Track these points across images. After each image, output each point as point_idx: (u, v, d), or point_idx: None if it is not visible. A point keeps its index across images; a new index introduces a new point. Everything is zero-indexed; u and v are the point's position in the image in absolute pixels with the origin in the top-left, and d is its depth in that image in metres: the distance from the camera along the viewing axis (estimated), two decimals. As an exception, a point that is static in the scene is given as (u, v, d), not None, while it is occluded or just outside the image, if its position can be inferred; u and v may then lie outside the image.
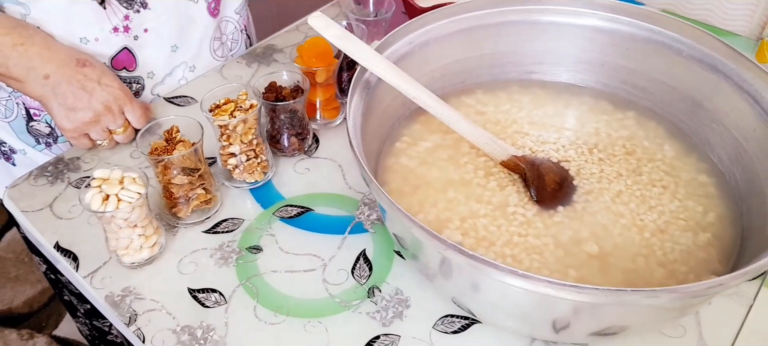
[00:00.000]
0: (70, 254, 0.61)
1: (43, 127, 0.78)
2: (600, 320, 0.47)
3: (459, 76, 0.69)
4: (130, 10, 0.72)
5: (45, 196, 0.67)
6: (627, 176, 0.60)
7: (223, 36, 0.84)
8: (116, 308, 0.56)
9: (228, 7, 0.83)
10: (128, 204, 0.54)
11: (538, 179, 0.58)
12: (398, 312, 0.56)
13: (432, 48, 0.65)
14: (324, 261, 0.60)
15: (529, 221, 0.56)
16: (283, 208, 0.65)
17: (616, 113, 0.67)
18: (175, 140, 0.59)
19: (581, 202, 0.58)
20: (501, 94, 0.69)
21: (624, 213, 0.57)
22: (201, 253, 0.61)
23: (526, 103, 0.69)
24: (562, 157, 0.62)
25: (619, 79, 0.68)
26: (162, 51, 0.77)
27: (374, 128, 0.60)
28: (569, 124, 0.67)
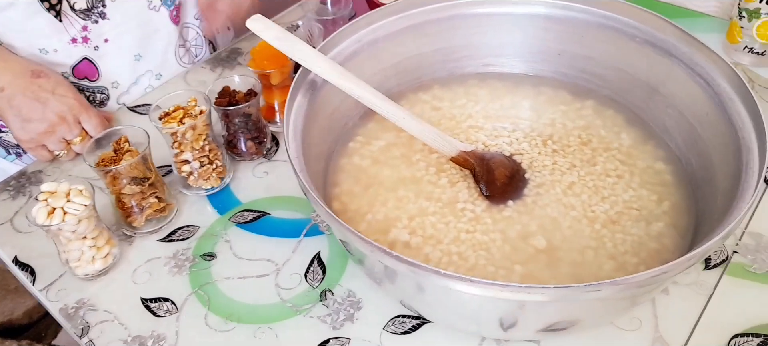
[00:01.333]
0: (27, 268, 0.61)
1: (11, 138, 0.78)
2: (546, 317, 0.46)
3: (414, 72, 0.68)
4: (88, 22, 0.72)
5: (6, 210, 0.67)
6: (580, 167, 0.59)
7: (187, 42, 0.84)
8: (70, 321, 0.56)
9: (188, 13, 0.83)
10: (74, 216, 0.54)
11: (488, 173, 0.57)
12: (349, 315, 0.55)
13: (383, 45, 0.64)
14: (277, 266, 0.59)
15: (477, 217, 0.55)
16: (240, 213, 0.64)
17: (574, 103, 0.66)
18: (123, 150, 0.59)
19: (532, 195, 0.57)
20: (458, 88, 0.69)
21: (575, 205, 0.56)
22: (155, 262, 0.61)
23: (483, 97, 0.68)
24: (515, 150, 0.62)
25: (577, 69, 0.67)
26: (124, 60, 0.77)
27: (324, 129, 0.60)
28: (525, 115, 0.66)
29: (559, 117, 0.65)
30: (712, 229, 0.49)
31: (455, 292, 0.43)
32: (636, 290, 0.44)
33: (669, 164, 0.59)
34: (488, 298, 0.42)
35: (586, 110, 0.65)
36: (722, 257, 0.57)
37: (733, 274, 0.56)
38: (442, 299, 0.47)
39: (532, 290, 0.40)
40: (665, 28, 0.58)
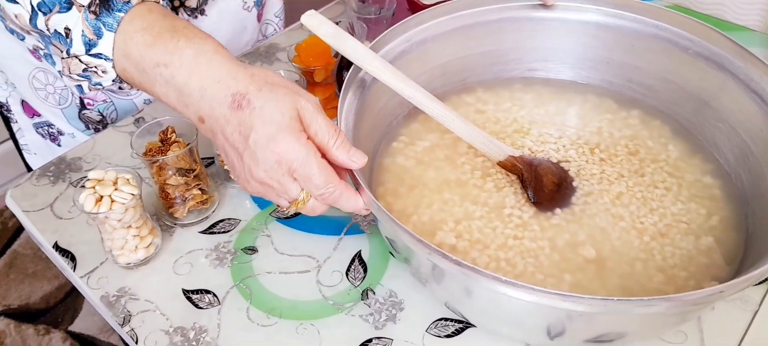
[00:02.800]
0: (68, 254, 0.61)
1: (94, 115, 0.79)
2: (595, 328, 0.46)
3: (459, 74, 0.68)
4: (191, 18, 0.74)
5: (46, 196, 0.67)
6: (628, 177, 0.59)
7: (265, 37, 0.88)
8: (111, 309, 0.57)
9: (269, 10, 0.87)
10: (121, 205, 0.54)
11: (536, 179, 0.57)
12: (391, 315, 0.55)
13: (431, 46, 0.64)
14: (318, 262, 0.59)
15: (525, 224, 0.55)
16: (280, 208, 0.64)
17: (620, 112, 0.66)
18: (170, 141, 0.59)
19: (580, 204, 0.57)
20: (502, 92, 0.68)
21: (624, 216, 0.55)
22: (197, 253, 0.61)
23: (528, 102, 0.67)
24: (563, 157, 0.61)
25: (624, 77, 0.66)
26: None
27: (370, 127, 0.60)
28: (571, 123, 0.65)
29: (605, 126, 0.64)
30: (765, 247, 0.49)
31: (504, 296, 0.42)
32: (689, 307, 0.44)
33: (718, 179, 0.59)
34: (541, 305, 0.42)
35: (633, 120, 0.65)
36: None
37: (779, 291, 0.56)
38: (488, 303, 0.47)
39: (591, 302, 0.40)
40: (720, 41, 0.58)
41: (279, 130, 0.44)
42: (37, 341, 1.52)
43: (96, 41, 0.46)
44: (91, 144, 0.72)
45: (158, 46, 0.46)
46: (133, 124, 0.75)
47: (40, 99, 0.79)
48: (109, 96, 0.79)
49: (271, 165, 0.44)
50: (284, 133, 0.44)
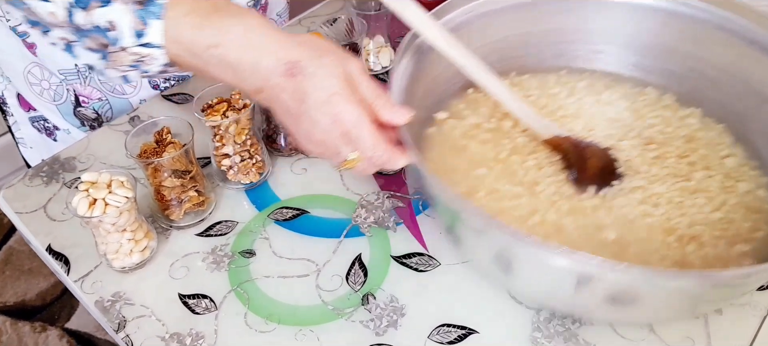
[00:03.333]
0: (61, 257, 0.60)
1: (89, 112, 0.78)
2: (612, 292, 0.46)
3: (516, 51, 0.67)
4: None
5: (39, 197, 0.66)
6: (673, 179, 0.58)
7: None
8: (106, 314, 0.55)
9: (272, 10, 0.85)
10: (115, 209, 0.53)
11: (580, 161, 0.57)
12: (392, 321, 0.54)
13: (492, 20, 0.64)
14: (318, 266, 0.58)
15: (554, 203, 0.56)
16: (279, 210, 0.63)
17: (679, 110, 0.65)
18: (165, 142, 0.58)
19: (614, 192, 0.57)
20: (554, 76, 0.68)
21: (654, 213, 0.55)
22: (193, 257, 0.59)
23: (581, 89, 0.67)
24: (609, 146, 0.61)
25: (686, 68, 0.65)
26: None
27: (421, 95, 0.59)
28: (623, 115, 0.65)
29: (660, 122, 0.64)
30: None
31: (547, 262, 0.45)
32: (715, 290, 0.45)
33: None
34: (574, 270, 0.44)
35: (692, 119, 0.64)
36: (776, 279, 0.56)
37: (788, 296, 0.55)
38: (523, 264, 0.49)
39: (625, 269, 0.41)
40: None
41: (332, 94, 0.47)
42: (33, 338, 1.50)
43: (144, 31, 0.46)
44: (86, 143, 0.71)
45: (206, 27, 0.46)
46: (129, 123, 0.74)
47: (35, 94, 0.78)
48: (105, 94, 0.77)
49: (327, 127, 0.47)
50: (337, 97, 0.47)
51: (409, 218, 0.62)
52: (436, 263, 0.58)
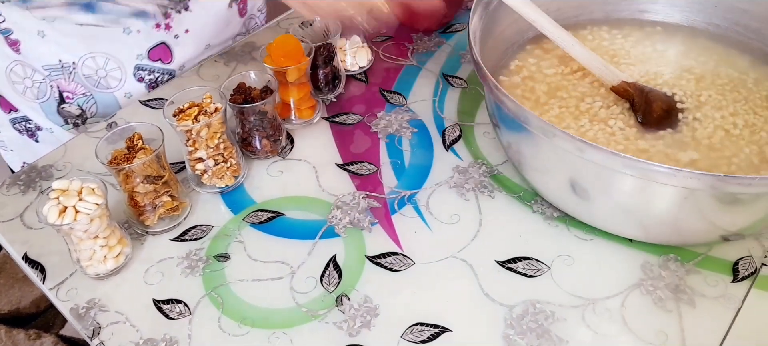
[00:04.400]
0: (37, 266, 0.60)
1: (74, 109, 0.79)
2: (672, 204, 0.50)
3: (573, 10, 0.72)
4: (175, 11, 0.75)
5: (16, 205, 0.66)
6: (734, 104, 0.62)
7: (249, 32, 0.89)
8: (80, 321, 0.55)
9: (253, 5, 0.88)
10: (86, 216, 0.53)
11: (646, 104, 0.60)
12: (366, 321, 0.54)
13: None
14: (292, 268, 0.58)
15: (630, 137, 0.59)
16: (254, 213, 0.63)
17: (729, 56, 0.68)
18: (136, 148, 0.58)
19: (688, 122, 0.61)
20: (612, 30, 0.72)
21: (730, 130, 0.59)
22: (168, 262, 0.59)
23: (637, 40, 0.71)
24: (669, 87, 0.65)
25: (731, 21, 0.69)
26: (197, 49, 0.81)
27: (488, 49, 0.62)
28: (678, 60, 0.68)
29: (712, 65, 0.67)
30: None
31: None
32: None
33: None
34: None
35: (742, 62, 0.68)
36: (751, 269, 0.56)
37: (762, 287, 0.54)
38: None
39: None
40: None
41: None
42: (27, 345, 1.51)
43: None
44: (62, 151, 0.71)
45: None
46: (106, 129, 0.74)
47: (17, 93, 0.78)
48: (89, 89, 0.77)
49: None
50: None
51: (385, 218, 0.62)
52: (410, 262, 0.58)
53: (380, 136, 0.70)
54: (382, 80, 0.78)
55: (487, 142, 0.69)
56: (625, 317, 0.52)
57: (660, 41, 0.71)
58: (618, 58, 0.69)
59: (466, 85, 0.77)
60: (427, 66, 0.80)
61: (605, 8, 0.73)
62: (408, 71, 0.79)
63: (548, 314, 0.53)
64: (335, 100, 0.76)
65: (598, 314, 0.53)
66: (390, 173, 0.66)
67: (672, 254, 0.56)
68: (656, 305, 0.53)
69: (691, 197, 0.47)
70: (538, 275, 0.56)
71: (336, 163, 0.68)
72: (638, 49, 0.70)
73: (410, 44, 0.84)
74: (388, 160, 0.67)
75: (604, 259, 0.57)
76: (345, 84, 0.76)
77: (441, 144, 0.69)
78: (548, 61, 0.68)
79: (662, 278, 0.55)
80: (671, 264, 0.56)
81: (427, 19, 0.82)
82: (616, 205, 0.52)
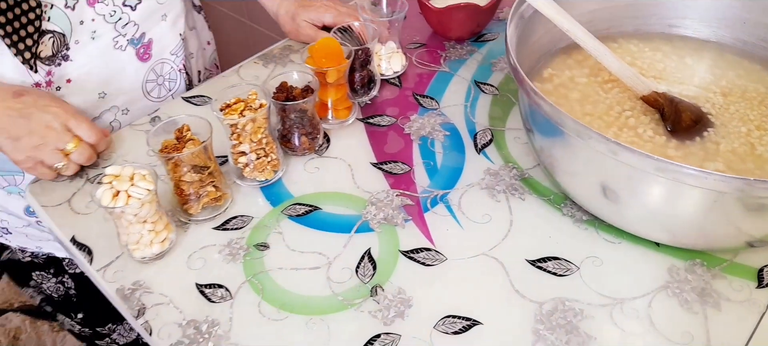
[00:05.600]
0: (85, 248, 0.63)
1: None
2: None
3: (604, 23, 0.74)
4: (52, 66, 0.72)
5: (64, 191, 0.69)
6: (762, 119, 0.64)
7: (160, 77, 0.83)
8: (126, 301, 0.58)
9: (164, 50, 0.82)
10: (137, 200, 0.56)
11: (676, 113, 0.63)
12: (400, 312, 0.56)
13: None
14: (329, 259, 0.60)
15: (659, 145, 0.61)
16: (292, 206, 0.66)
17: (756, 71, 0.71)
18: (185, 139, 0.61)
19: (718, 134, 0.63)
20: (641, 43, 0.75)
21: (756, 146, 0.61)
22: (210, 249, 0.62)
23: (666, 53, 0.74)
24: (698, 99, 0.67)
25: (758, 37, 0.72)
26: (87, 98, 0.76)
27: (521, 59, 0.63)
28: (705, 74, 0.71)
29: (739, 80, 0.70)
30: None
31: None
32: None
33: None
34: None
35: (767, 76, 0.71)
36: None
37: (787, 294, 0.56)
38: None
39: None
40: None
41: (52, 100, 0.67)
42: (51, 337, 1.54)
43: None
44: (108, 142, 0.74)
45: None
46: (150, 123, 0.77)
47: None
48: None
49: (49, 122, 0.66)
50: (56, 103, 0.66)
51: (418, 215, 0.64)
52: (442, 257, 0.60)
53: (413, 138, 0.73)
54: (415, 85, 0.81)
55: (517, 147, 0.71)
56: (652, 317, 0.54)
57: (688, 55, 0.73)
58: (646, 70, 0.71)
59: (498, 92, 0.79)
60: (459, 73, 0.82)
61: (635, 22, 0.75)
62: (440, 77, 0.82)
63: (577, 311, 0.55)
64: (370, 102, 0.78)
65: (626, 313, 0.54)
66: (423, 172, 0.69)
67: (698, 259, 0.58)
68: (682, 307, 0.55)
69: (719, 201, 0.49)
70: (568, 274, 0.58)
71: (370, 162, 0.70)
72: (666, 63, 0.72)
73: (443, 52, 0.86)
74: (420, 161, 0.70)
75: (631, 262, 0.59)
76: (379, 88, 0.79)
77: (472, 147, 0.71)
78: (580, 70, 0.71)
79: (688, 282, 0.56)
80: (697, 269, 0.57)
81: (460, 28, 0.85)
82: (646, 208, 0.54)
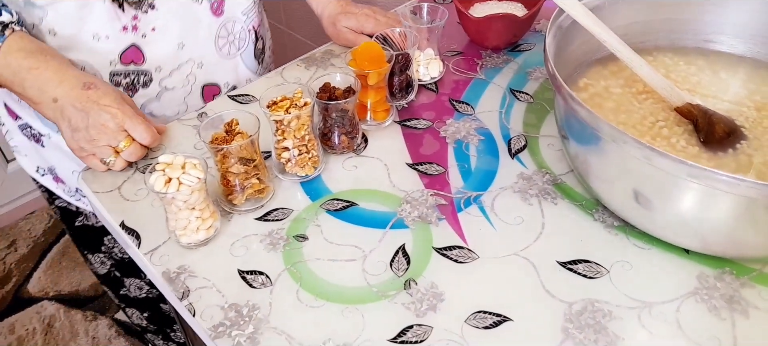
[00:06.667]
0: (133, 233, 0.66)
1: None
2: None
3: (640, 36, 0.76)
4: (139, 11, 0.77)
5: (114, 179, 0.73)
6: None
7: (231, 35, 0.87)
8: (171, 284, 0.61)
9: (235, 8, 0.86)
10: (188, 187, 0.59)
11: (709, 125, 0.64)
12: (432, 305, 0.58)
13: (620, 6, 0.73)
14: (364, 253, 0.63)
15: (692, 155, 0.63)
16: (330, 201, 0.68)
17: None
18: (234, 132, 0.64)
19: (751, 147, 0.64)
20: (676, 57, 0.76)
21: None
22: (252, 238, 0.65)
23: (700, 68, 0.74)
24: (732, 113, 0.68)
25: None
26: (168, 48, 0.81)
27: (558, 68, 0.65)
28: (739, 89, 0.72)
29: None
30: None
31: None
32: None
33: None
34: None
35: None
36: (805, 289, 0.58)
37: (816, 307, 0.57)
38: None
39: None
40: None
41: (113, 100, 0.70)
42: (84, 325, 1.59)
43: None
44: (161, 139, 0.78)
45: (31, 58, 0.69)
46: (197, 118, 0.80)
47: (14, 100, 0.84)
48: None
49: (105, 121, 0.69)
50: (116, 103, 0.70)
51: (451, 215, 0.66)
52: (474, 256, 0.62)
53: (448, 141, 0.75)
54: (451, 91, 0.83)
55: (551, 153, 0.73)
56: (680, 321, 0.55)
57: (723, 70, 0.74)
58: (680, 83, 0.72)
59: (532, 100, 0.81)
60: (495, 80, 0.85)
61: (670, 36, 0.77)
62: (476, 84, 0.84)
63: (606, 312, 0.56)
64: (407, 106, 0.81)
65: (654, 317, 0.56)
66: (457, 174, 0.71)
67: (727, 267, 0.59)
68: (710, 313, 0.56)
69: (752, 208, 0.50)
70: (597, 277, 0.59)
71: (406, 163, 0.73)
72: (701, 76, 0.73)
73: (479, 60, 0.89)
74: (455, 163, 0.72)
75: (661, 267, 0.60)
76: (417, 92, 0.82)
77: (506, 152, 0.73)
78: (615, 81, 0.72)
79: (717, 289, 0.57)
80: (726, 277, 0.58)
81: (497, 37, 0.87)
82: (678, 214, 0.56)
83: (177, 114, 0.86)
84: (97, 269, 1.04)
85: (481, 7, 0.91)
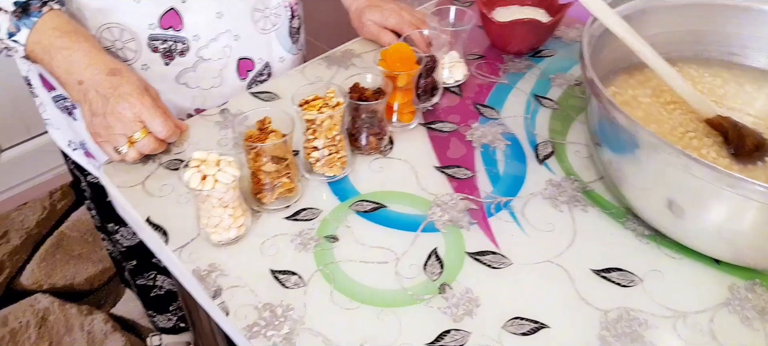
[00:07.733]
0: (160, 229, 0.65)
1: None
2: None
3: (665, 46, 0.74)
4: None
5: (138, 174, 0.71)
6: None
7: (267, 9, 0.87)
8: (202, 282, 0.60)
9: None
10: (224, 185, 0.58)
11: (739, 138, 0.65)
12: (468, 310, 0.58)
13: (648, 16, 0.74)
14: (397, 255, 0.62)
15: (725, 167, 0.60)
16: (359, 202, 0.68)
17: None
18: (267, 130, 0.63)
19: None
20: (701, 69, 0.77)
21: None
22: (282, 238, 0.64)
23: (725, 80, 0.75)
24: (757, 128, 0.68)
25: None
26: (207, 16, 0.81)
27: (594, 69, 0.66)
28: (765, 102, 0.72)
29: None
30: None
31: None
32: None
33: None
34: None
35: None
36: (833, 302, 0.59)
37: (843, 320, 0.58)
38: None
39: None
40: None
41: (135, 89, 0.69)
42: (79, 319, 1.57)
43: (15, 33, 0.69)
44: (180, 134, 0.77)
45: (64, 38, 0.70)
46: (219, 114, 0.79)
47: None
48: None
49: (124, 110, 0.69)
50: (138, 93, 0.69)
51: (482, 220, 0.66)
52: (508, 262, 0.62)
53: (475, 145, 0.75)
54: (475, 95, 0.83)
55: (578, 161, 0.73)
56: (714, 331, 0.56)
57: (748, 83, 0.75)
58: (705, 94, 0.73)
59: (557, 106, 0.81)
60: (518, 86, 0.85)
61: (696, 48, 0.77)
62: (500, 89, 0.84)
63: (641, 321, 0.56)
64: (431, 108, 0.81)
65: (689, 326, 0.56)
66: (485, 179, 0.71)
67: (758, 279, 0.60)
68: (743, 324, 0.57)
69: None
70: (632, 285, 0.59)
71: (433, 166, 0.72)
72: (726, 88, 0.74)
73: (501, 64, 0.89)
74: (483, 168, 0.72)
75: (692, 277, 0.60)
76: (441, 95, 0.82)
77: (534, 158, 0.73)
78: (642, 90, 0.73)
79: (749, 300, 0.58)
80: (757, 288, 0.59)
81: (520, 42, 0.88)
82: (711, 223, 0.56)
83: (211, 87, 0.85)
84: (125, 243, 1.03)
85: (504, 12, 0.91)
